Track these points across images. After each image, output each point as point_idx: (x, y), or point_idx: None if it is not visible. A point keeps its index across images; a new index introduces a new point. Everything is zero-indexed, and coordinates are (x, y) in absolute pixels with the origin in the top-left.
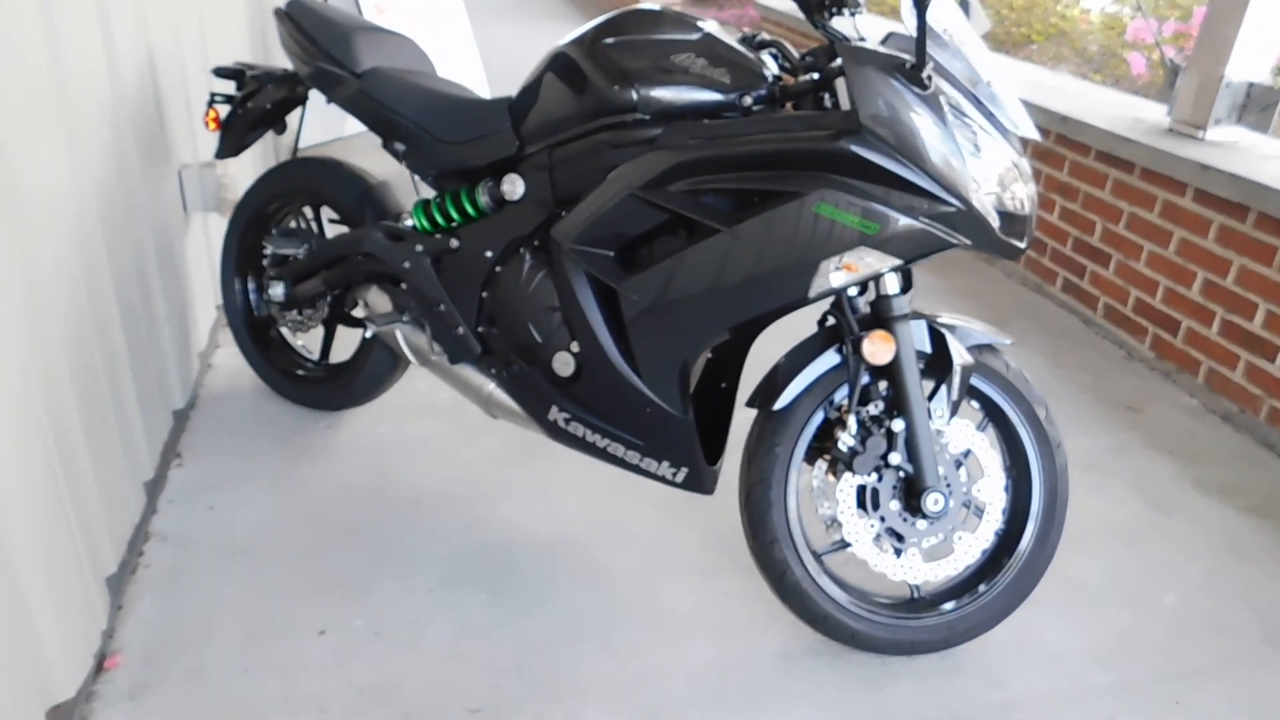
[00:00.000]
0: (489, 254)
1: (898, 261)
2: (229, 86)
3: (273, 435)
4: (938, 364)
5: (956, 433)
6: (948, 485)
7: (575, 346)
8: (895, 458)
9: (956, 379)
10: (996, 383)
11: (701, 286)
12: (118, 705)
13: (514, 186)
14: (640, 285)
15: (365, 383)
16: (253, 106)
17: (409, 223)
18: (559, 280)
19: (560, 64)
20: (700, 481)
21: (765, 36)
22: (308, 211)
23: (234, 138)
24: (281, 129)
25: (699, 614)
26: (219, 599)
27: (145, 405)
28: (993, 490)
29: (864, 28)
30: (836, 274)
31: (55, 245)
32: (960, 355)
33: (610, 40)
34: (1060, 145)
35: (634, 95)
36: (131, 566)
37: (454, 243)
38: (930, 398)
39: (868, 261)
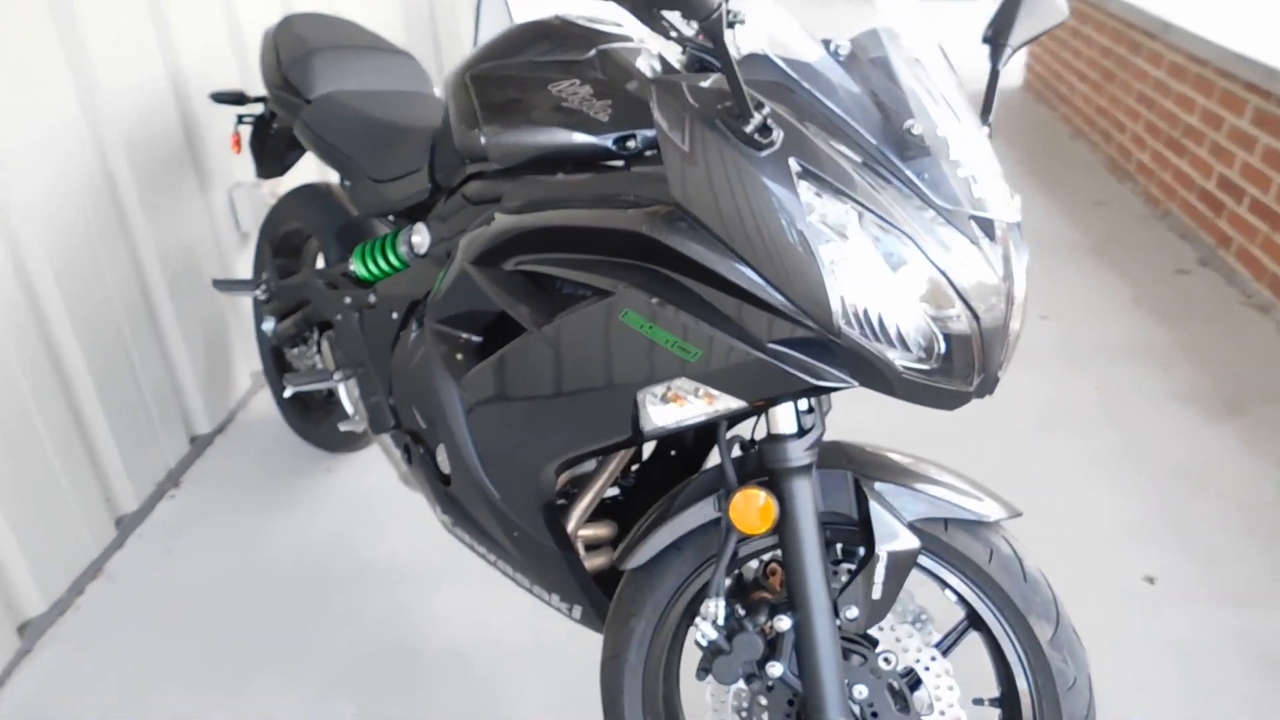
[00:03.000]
0: (394, 316)
1: (739, 403)
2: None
3: (272, 473)
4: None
5: (894, 644)
6: (874, 716)
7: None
8: (775, 669)
9: (879, 570)
10: (972, 578)
11: (519, 396)
12: None
13: (421, 238)
14: (471, 381)
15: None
16: (280, 126)
17: (351, 268)
18: (432, 362)
19: (446, 96)
20: (603, 622)
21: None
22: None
23: (271, 158)
24: None
25: None
26: (108, 667)
27: (129, 441)
28: None
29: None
30: (661, 410)
31: None
32: (891, 535)
33: (484, 66)
34: None
35: (482, 139)
36: (63, 607)
37: (372, 298)
38: (843, 589)
39: (698, 398)
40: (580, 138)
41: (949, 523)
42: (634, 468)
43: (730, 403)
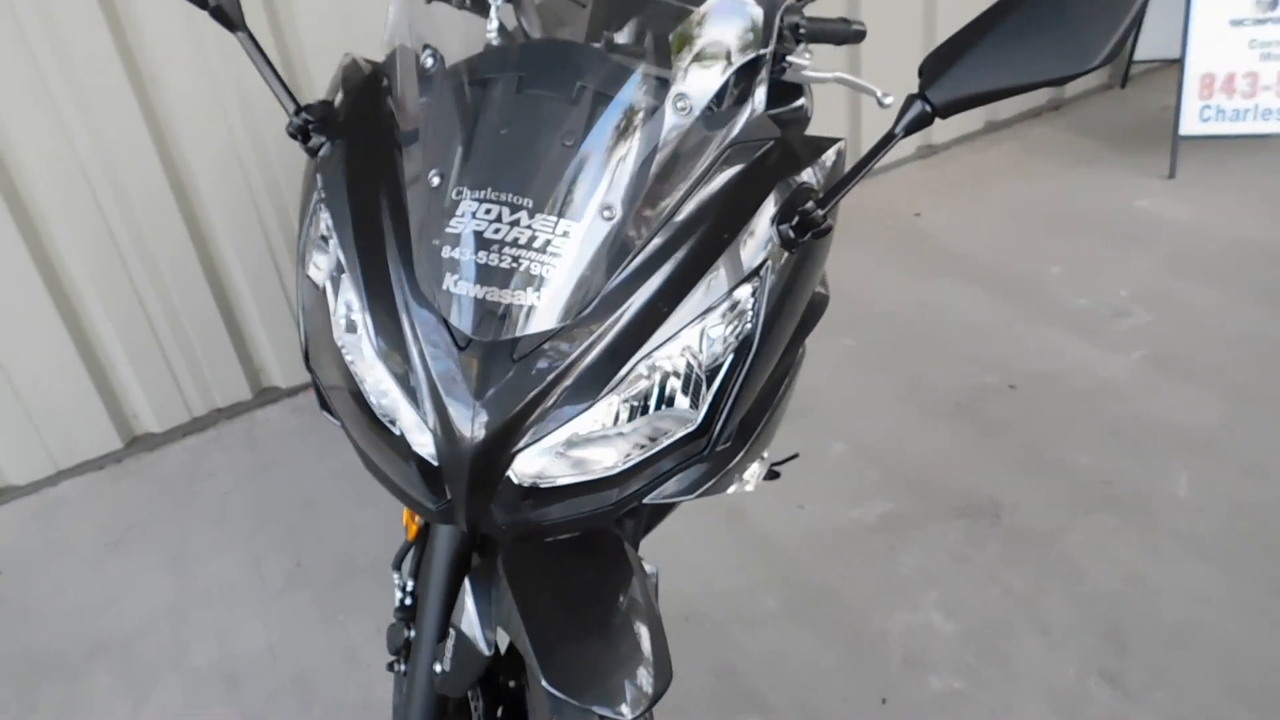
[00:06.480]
0: None
1: None
2: None
3: None
4: None
5: None
6: None
7: None
8: (402, 665)
9: (449, 644)
10: None
11: None
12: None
13: None
14: None
15: None
16: None
17: None
18: None
19: None
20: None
21: None
22: None
23: None
24: None
25: None
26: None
27: None
28: None
29: None
30: None
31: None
32: (468, 621)
33: None
34: None
35: None
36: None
37: None
38: (439, 640)
39: None
40: None
41: None
42: None
43: None
